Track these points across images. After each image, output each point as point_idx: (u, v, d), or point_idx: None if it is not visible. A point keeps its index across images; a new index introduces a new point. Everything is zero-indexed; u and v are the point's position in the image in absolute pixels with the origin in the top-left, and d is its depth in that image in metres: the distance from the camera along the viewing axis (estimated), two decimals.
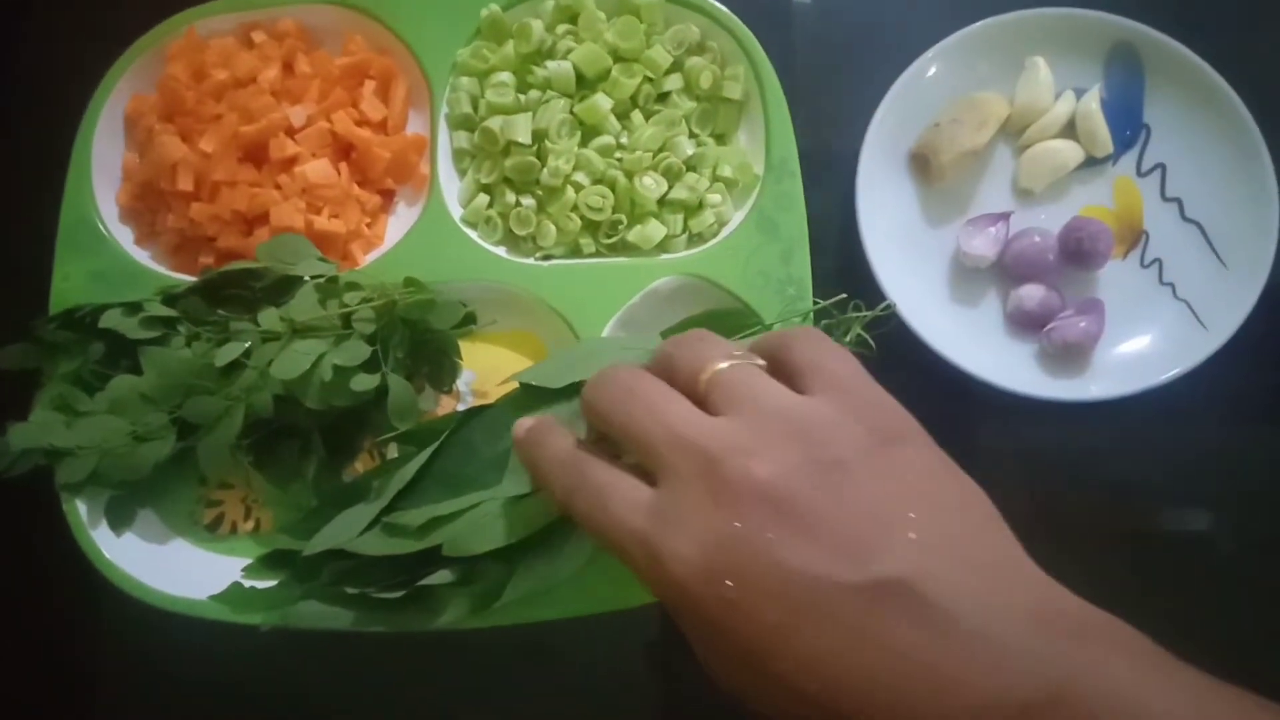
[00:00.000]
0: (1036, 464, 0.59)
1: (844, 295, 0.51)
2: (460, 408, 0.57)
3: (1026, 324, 0.58)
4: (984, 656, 0.27)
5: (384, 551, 0.48)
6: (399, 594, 0.48)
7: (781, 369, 0.35)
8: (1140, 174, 0.61)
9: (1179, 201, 0.60)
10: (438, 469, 0.49)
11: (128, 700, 0.58)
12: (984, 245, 0.58)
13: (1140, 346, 0.58)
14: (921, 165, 0.60)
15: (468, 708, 0.58)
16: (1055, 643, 0.28)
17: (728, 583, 0.29)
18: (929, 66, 0.60)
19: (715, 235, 0.58)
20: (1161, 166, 0.61)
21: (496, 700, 0.58)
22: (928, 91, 0.60)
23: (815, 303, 0.54)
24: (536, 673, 0.58)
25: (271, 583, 0.52)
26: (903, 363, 0.50)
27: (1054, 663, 0.27)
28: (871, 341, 0.49)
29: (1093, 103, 0.60)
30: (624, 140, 0.58)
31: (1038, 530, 0.57)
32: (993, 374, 0.56)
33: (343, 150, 0.59)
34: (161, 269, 0.58)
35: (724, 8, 0.59)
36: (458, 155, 0.60)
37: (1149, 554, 0.58)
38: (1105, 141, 0.60)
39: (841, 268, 0.59)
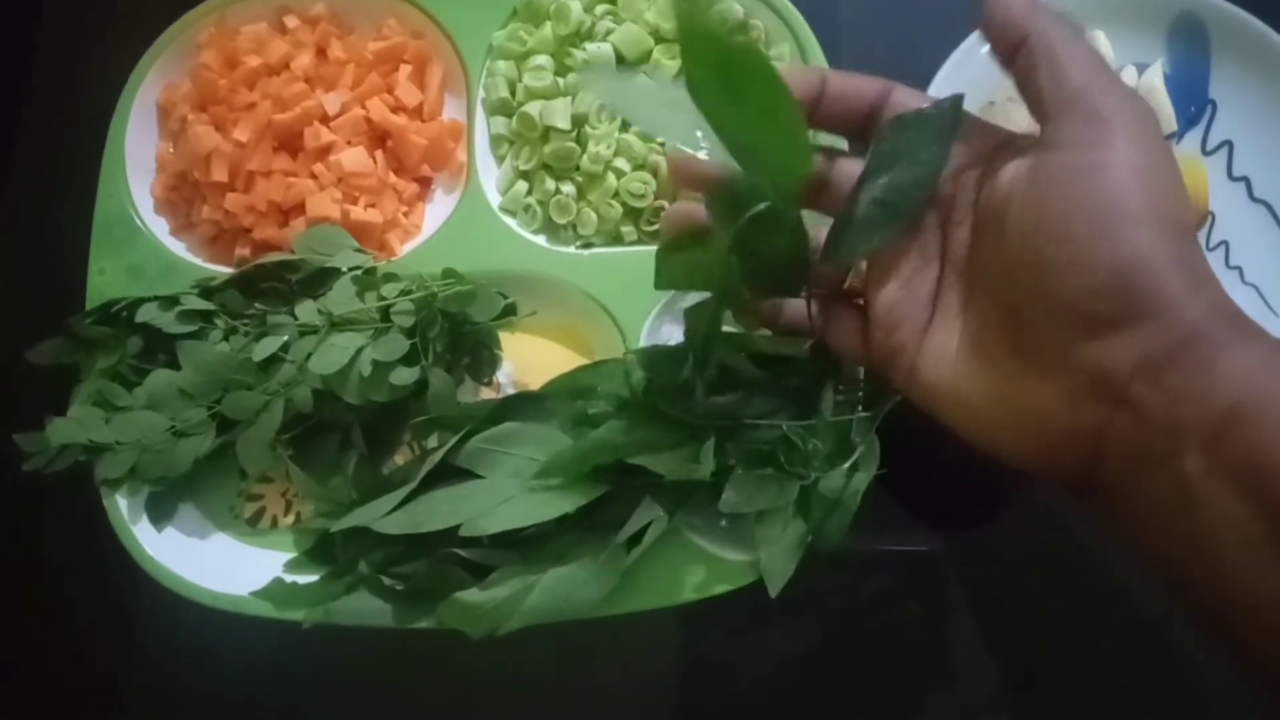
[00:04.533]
0: None
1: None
2: None
3: None
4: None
5: (403, 530, 0.47)
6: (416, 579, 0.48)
7: None
8: (1206, 152, 0.58)
9: (1247, 180, 0.57)
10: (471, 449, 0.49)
11: (168, 693, 0.58)
12: None
13: None
14: None
15: (495, 704, 0.57)
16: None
17: None
18: (984, 42, 0.57)
19: None
20: (1228, 144, 0.58)
21: (524, 697, 0.57)
22: (982, 69, 0.57)
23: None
24: (565, 671, 0.57)
25: (314, 578, 0.51)
26: None
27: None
28: None
29: (1155, 78, 0.57)
30: None
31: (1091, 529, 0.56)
32: None
33: (378, 138, 0.58)
34: (198, 261, 0.57)
35: None
36: (495, 141, 0.58)
37: None
38: (1169, 118, 0.57)
39: None
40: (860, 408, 0.49)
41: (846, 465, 0.47)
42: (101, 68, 0.60)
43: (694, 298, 0.55)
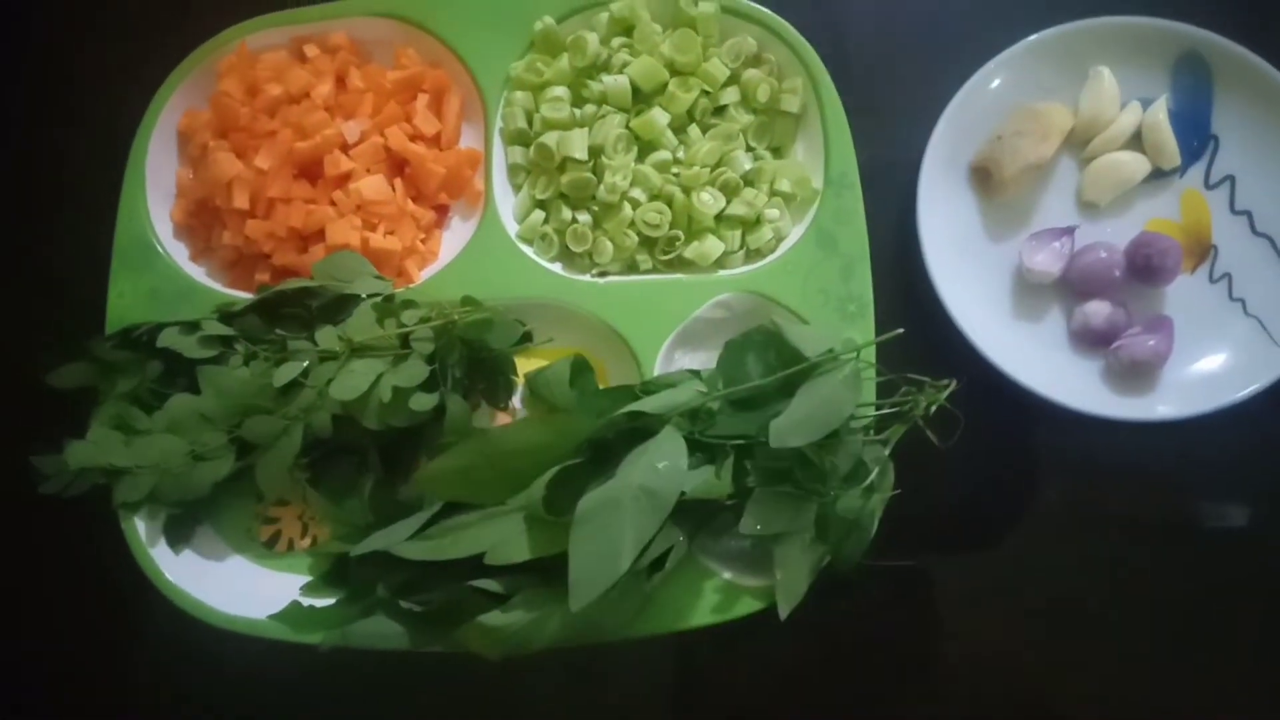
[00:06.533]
0: (1100, 481, 0.58)
1: (901, 330, 0.51)
2: None
3: (1092, 341, 0.57)
4: None
5: (428, 556, 0.48)
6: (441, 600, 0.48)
7: None
8: (1208, 186, 0.59)
9: (1249, 214, 0.58)
10: None
11: (189, 712, 0.58)
12: (1048, 260, 0.57)
13: (1210, 365, 0.56)
14: (983, 178, 0.59)
15: None
16: None
17: None
18: (992, 77, 0.59)
19: (773, 251, 0.57)
20: (1230, 179, 0.59)
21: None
22: (990, 103, 0.59)
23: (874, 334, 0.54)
24: (578, 696, 0.57)
25: (330, 601, 0.52)
26: (964, 379, 0.50)
27: None
28: (960, 415, 0.49)
29: (1160, 113, 0.59)
30: (681, 155, 0.58)
31: (1102, 552, 0.57)
32: (1056, 392, 0.54)
33: (397, 166, 0.59)
34: (217, 286, 0.58)
35: (781, 19, 0.58)
36: (513, 170, 0.59)
37: (1214, 571, 0.57)
38: (1172, 153, 0.59)
39: (901, 283, 0.58)
40: (872, 431, 0.50)
41: (863, 486, 0.48)
42: (122, 94, 0.61)
43: (706, 322, 0.56)
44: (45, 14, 0.68)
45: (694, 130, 0.58)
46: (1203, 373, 0.56)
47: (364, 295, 0.54)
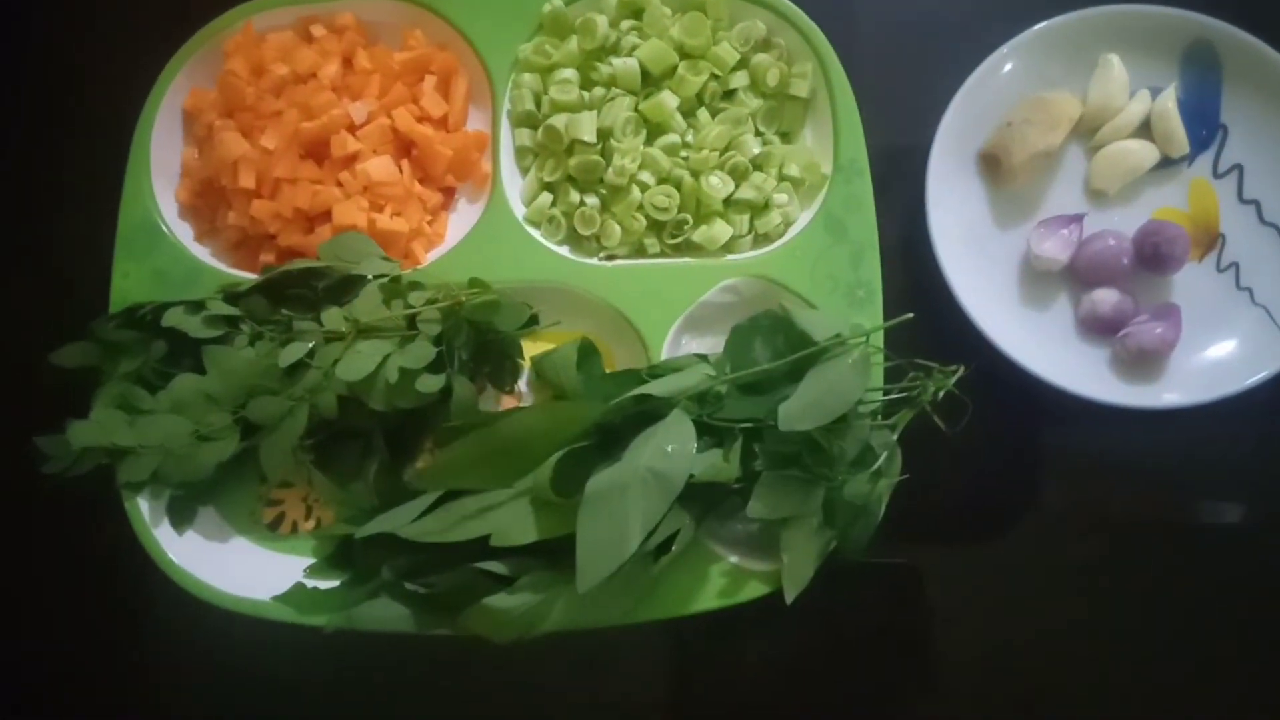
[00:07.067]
0: (1107, 470, 0.58)
1: (910, 315, 0.51)
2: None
3: (1099, 329, 0.57)
4: None
5: (434, 539, 0.48)
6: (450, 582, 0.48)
7: None
8: (1216, 175, 0.59)
9: (1257, 204, 0.58)
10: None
11: (192, 694, 0.58)
12: (1056, 248, 0.57)
13: (1217, 353, 0.56)
14: (992, 166, 0.59)
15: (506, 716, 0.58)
16: None
17: None
18: (1001, 65, 0.58)
19: (782, 236, 0.57)
20: (1239, 167, 0.59)
21: (536, 709, 0.57)
22: (999, 90, 0.59)
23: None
24: (582, 686, 0.57)
25: (334, 583, 0.52)
26: (972, 365, 0.50)
27: None
28: (968, 401, 0.49)
29: (1169, 102, 0.59)
30: (690, 139, 0.57)
31: (1106, 543, 0.57)
32: (1063, 379, 0.54)
33: (404, 147, 0.59)
34: (222, 266, 0.58)
35: (791, 4, 0.58)
36: (520, 153, 0.59)
37: (1218, 564, 0.57)
38: (1181, 142, 0.59)
39: (910, 270, 0.58)
40: (880, 417, 0.50)
41: (870, 471, 0.48)
42: (127, 72, 0.60)
43: (714, 306, 0.56)
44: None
45: (703, 114, 0.58)
46: (1210, 361, 0.56)
47: (370, 276, 0.54)
